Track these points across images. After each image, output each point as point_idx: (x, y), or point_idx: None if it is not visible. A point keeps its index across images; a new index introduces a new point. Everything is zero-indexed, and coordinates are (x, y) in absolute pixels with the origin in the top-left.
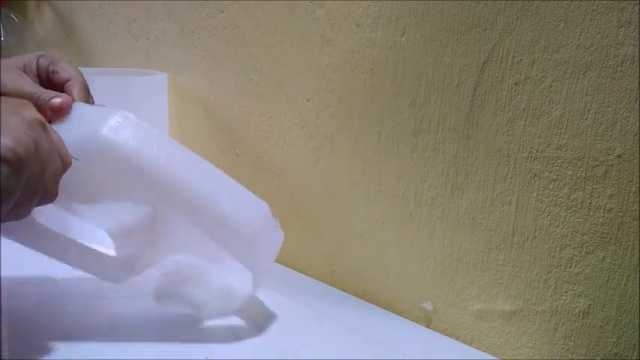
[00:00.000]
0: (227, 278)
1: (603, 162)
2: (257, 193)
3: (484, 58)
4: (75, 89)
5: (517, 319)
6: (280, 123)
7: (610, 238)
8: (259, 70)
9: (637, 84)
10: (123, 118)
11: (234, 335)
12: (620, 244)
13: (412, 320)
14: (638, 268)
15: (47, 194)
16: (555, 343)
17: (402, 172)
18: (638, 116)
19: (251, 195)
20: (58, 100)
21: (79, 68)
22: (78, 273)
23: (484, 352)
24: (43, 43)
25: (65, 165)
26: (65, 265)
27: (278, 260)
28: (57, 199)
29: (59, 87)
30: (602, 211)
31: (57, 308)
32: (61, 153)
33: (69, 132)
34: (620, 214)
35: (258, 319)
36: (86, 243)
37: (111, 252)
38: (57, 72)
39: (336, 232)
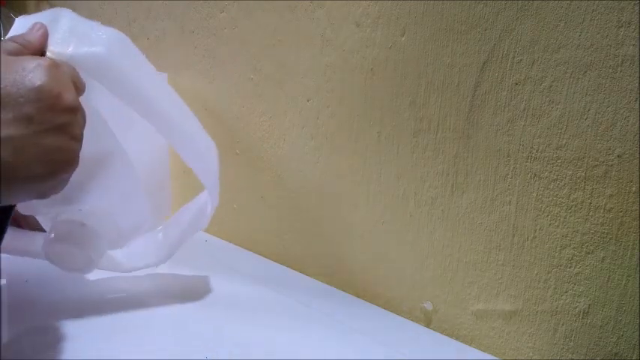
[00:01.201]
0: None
1: (603, 162)
2: (257, 193)
3: (484, 58)
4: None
5: (517, 319)
6: (280, 123)
7: (610, 238)
8: (259, 70)
9: (637, 84)
10: (120, 38)
11: (234, 335)
12: (620, 244)
13: (412, 320)
14: (638, 268)
15: None
16: (555, 343)
17: (402, 172)
18: (638, 116)
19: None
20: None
21: None
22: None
23: (484, 352)
24: None
25: (82, 90)
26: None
27: (278, 260)
28: None
29: None
30: (602, 211)
31: (56, 307)
32: (77, 81)
33: (67, 48)
34: (620, 214)
35: (258, 319)
36: None
37: None
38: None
39: (336, 232)
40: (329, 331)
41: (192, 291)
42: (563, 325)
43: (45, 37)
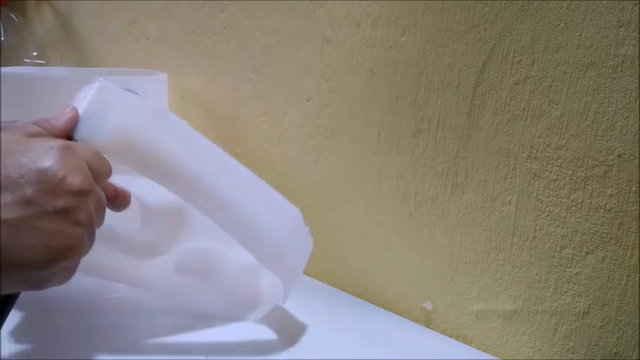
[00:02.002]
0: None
1: (603, 162)
2: None
3: (484, 58)
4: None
5: (517, 319)
6: (280, 123)
7: (610, 238)
8: (259, 70)
9: (637, 84)
10: (147, 109)
11: (233, 335)
12: (620, 244)
13: (412, 320)
14: (638, 268)
15: (98, 225)
16: (555, 343)
17: (402, 172)
18: (638, 116)
19: (282, 199)
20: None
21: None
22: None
23: (484, 352)
24: (43, 43)
25: (106, 173)
26: None
27: None
28: None
29: None
30: (602, 211)
31: (57, 308)
32: (96, 165)
33: (93, 125)
34: (620, 214)
35: (257, 319)
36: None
37: (135, 228)
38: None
39: (336, 232)
40: (328, 331)
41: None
42: (563, 325)
43: (72, 122)
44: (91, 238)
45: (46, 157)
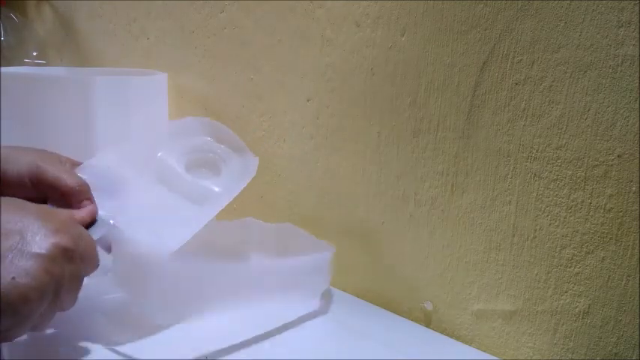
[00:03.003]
0: None
1: (603, 162)
2: (257, 193)
3: (484, 58)
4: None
5: (517, 319)
6: (280, 123)
7: (610, 238)
8: (259, 70)
9: (637, 84)
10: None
11: (232, 335)
12: (620, 244)
13: (412, 320)
14: (638, 268)
15: (65, 305)
16: (555, 343)
17: (402, 172)
18: (638, 116)
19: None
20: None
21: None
22: None
23: (484, 352)
24: (43, 43)
25: (92, 263)
26: None
27: None
28: None
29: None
30: (602, 211)
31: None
32: (89, 257)
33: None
34: (620, 214)
35: (257, 319)
36: None
37: None
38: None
39: (336, 232)
40: (328, 331)
41: None
42: (563, 325)
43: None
44: (52, 305)
45: (51, 216)
